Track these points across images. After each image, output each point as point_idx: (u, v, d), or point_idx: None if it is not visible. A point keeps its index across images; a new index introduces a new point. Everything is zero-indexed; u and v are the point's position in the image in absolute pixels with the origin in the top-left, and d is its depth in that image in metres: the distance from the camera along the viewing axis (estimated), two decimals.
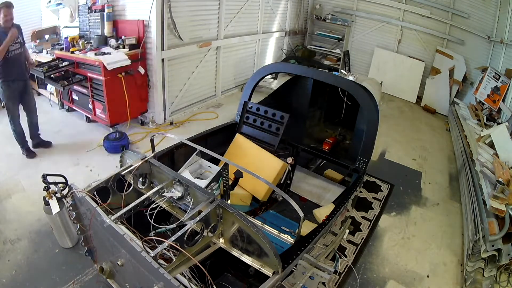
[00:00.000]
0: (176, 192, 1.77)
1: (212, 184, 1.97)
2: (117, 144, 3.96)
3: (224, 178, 2.07)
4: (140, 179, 1.91)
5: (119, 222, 1.58)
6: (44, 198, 2.04)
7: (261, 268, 1.58)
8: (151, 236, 1.51)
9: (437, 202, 3.80)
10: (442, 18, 6.82)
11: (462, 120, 5.27)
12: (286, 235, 2.02)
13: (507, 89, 5.11)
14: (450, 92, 6.64)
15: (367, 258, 2.85)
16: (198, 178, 2.13)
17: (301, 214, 1.80)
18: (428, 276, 2.73)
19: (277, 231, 2.07)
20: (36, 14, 5.17)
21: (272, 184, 2.41)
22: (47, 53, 4.62)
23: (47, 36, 4.99)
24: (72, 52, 4.26)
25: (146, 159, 1.85)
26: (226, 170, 2.05)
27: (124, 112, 4.33)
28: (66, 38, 4.45)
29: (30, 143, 3.85)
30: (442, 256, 2.98)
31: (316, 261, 1.75)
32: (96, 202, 1.68)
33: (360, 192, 3.63)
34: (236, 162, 2.30)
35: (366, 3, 7.59)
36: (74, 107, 4.81)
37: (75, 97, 4.68)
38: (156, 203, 1.72)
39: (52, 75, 4.17)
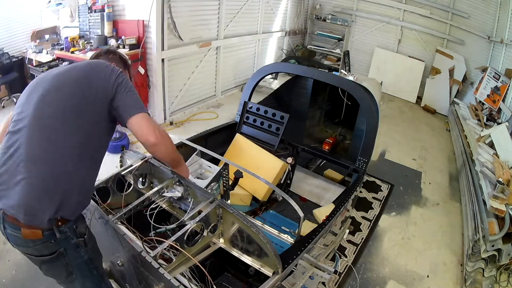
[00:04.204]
0: (176, 192, 1.77)
1: (212, 184, 1.97)
2: (117, 144, 3.96)
3: (224, 178, 2.07)
4: (140, 179, 1.90)
5: (119, 222, 1.58)
6: None
7: (261, 268, 1.58)
8: (151, 236, 1.51)
9: (437, 202, 3.80)
10: (442, 18, 6.82)
11: (462, 120, 5.27)
12: (286, 235, 2.02)
13: (507, 89, 5.11)
14: (450, 92, 6.64)
15: (367, 258, 2.85)
16: (198, 178, 2.13)
17: (301, 214, 1.80)
18: (428, 276, 2.74)
19: (277, 231, 2.07)
20: (36, 14, 5.17)
21: (272, 184, 2.41)
22: (47, 53, 4.62)
23: (47, 36, 4.99)
24: (72, 52, 4.26)
25: (146, 159, 1.85)
26: (226, 170, 2.05)
27: None
28: (66, 38, 4.45)
29: None
30: (442, 256, 2.98)
31: (316, 261, 1.75)
32: (96, 202, 1.68)
33: (360, 192, 3.63)
34: (236, 162, 2.30)
35: (366, 3, 7.59)
36: None
37: None
38: (156, 203, 1.72)
39: None
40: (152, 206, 1.68)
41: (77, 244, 1.36)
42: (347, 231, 2.95)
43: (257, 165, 2.85)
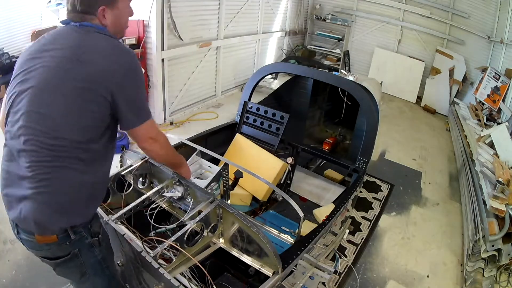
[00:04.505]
0: (176, 192, 1.77)
1: (212, 184, 1.97)
2: (117, 144, 3.95)
3: (224, 178, 2.07)
4: (140, 179, 1.90)
5: (119, 222, 1.58)
6: None
7: (261, 268, 1.58)
8: (151, 236, 1.51)
9: (437, 202, 3.80)
10: (442, 18, 6.82)
11: (462, 120, 5.27)
12: (286, 235, 2.02)
13: (507, 89, 5.11)
14: (450, 92, 6.64)
15: (367, 258, 2.85)
16: (198, 178, 2.13)
17: (301, 214, 1.80)
18: (428, 276, 2.74)
19: (277, 231, 2.07)
20: (36, 14, 5.17)
21: (272, 184, 2.41)
22: None
23: None
24: None
25: (146, 159, 1.85)
26: (226, 170, 2.05)
27: None
28: None
29: None
30: (442, 256, 2.99)
31: (316, 261, 1.75)
32: None
33: (360, 192, 3.63)
34: (236, 162, 2.30)
35: (366, 3, 7.59)
36: None
37: None
38: (156, 203, 1.72)
39: None
40: (152, 206, 1.68)
41: (91, 244, 1.36)
42: (347, 231, 2.95)
43: (257, 165, 2.85)
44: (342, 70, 5.48)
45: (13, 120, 1.23)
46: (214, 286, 1.45)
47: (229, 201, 2.22)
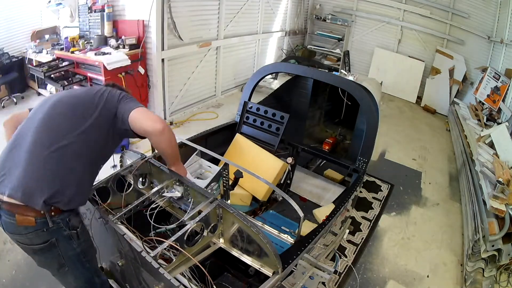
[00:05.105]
0: (176, 192, 1.77)
1: (212, 184, 1.97)
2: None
3: (224, 178, 2.07)
4: (140, 179, 1.91)
5: (119, 222, 1.58)
6: None
7: (261, 268, 1.58)
8: (151, 236, 1.51)
9: (437, 202, 3.80)
10: (442, 18, 6.82)
11: (462, 120, 5.27)
12: (286, 235, 2.02)
13: (507, 89, 5.11)
14: (450, 92, 6.64)
15: (367, 258, 2.85)
16: (198, 178, 2.13)
17: (301, 214, 1.79)
18: (428, 276, 2.74)
19: (277, 231, 2.07)
20: (36, 14, 5.17)
21: (272, 184, 2.41)
22: (47, 53, 4.62)
23: (47, 36, 4.99)
24: (72, 52, 4.26)
25: (146, 159, 1.85)
26: (226, 170, 2.05)
27: None
28: (66, 38, 4.45)
29: None
30: (442, 256, 2.98)
31: (316, 261, 1.75)
32: (96, 202, 1.68)
33: (360, 192, 3.63)
34: (236, 162, 2.30)
35: (366, 3, 7.59)
36: None
37: None
38: (156, 203, 1.72)
39: (52, 75, 4.18)
40: (152, 206, 1.68)
41: (69, 236, 1.41)
42: (347, 231, 2.95)
43: (257, 165, 2.85)
44: (342, 70, 5.48)
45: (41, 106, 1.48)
46: (214, 286, 1.45)
47: (229, 201, 2.22)
